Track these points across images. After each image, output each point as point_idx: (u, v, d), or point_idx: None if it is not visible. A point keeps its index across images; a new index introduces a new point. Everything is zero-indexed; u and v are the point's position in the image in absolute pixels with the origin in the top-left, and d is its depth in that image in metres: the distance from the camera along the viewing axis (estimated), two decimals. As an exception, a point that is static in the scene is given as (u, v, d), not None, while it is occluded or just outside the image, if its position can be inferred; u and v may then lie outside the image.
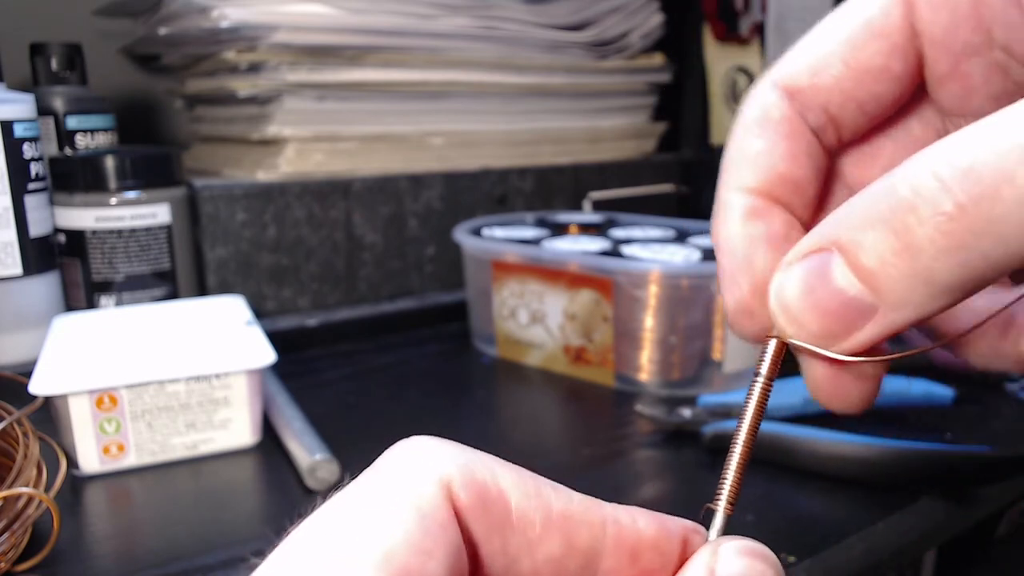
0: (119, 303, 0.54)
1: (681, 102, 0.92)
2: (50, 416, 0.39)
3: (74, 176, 0.53)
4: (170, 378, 0.40)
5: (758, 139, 0.18)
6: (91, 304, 0.54)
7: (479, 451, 0.15)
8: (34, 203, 0.52)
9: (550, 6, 0.73)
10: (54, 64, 0.62)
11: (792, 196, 0.18)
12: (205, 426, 0.41)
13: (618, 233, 0.60)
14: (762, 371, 0.16)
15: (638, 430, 0.44)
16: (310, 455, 0.38)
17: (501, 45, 0.71)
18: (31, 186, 0.52)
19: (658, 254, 0.51)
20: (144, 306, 0.51)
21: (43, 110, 0.60)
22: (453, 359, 0.58)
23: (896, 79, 0.17)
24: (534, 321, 0.54)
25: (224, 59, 0.62)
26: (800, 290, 0.15)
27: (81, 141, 0.63)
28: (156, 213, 0.54)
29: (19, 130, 0.51)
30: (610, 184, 0.80)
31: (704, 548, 0.15)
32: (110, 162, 0.53)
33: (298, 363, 0.55)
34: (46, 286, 0.54)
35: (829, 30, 0.17)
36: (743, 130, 0.18)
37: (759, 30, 0.84)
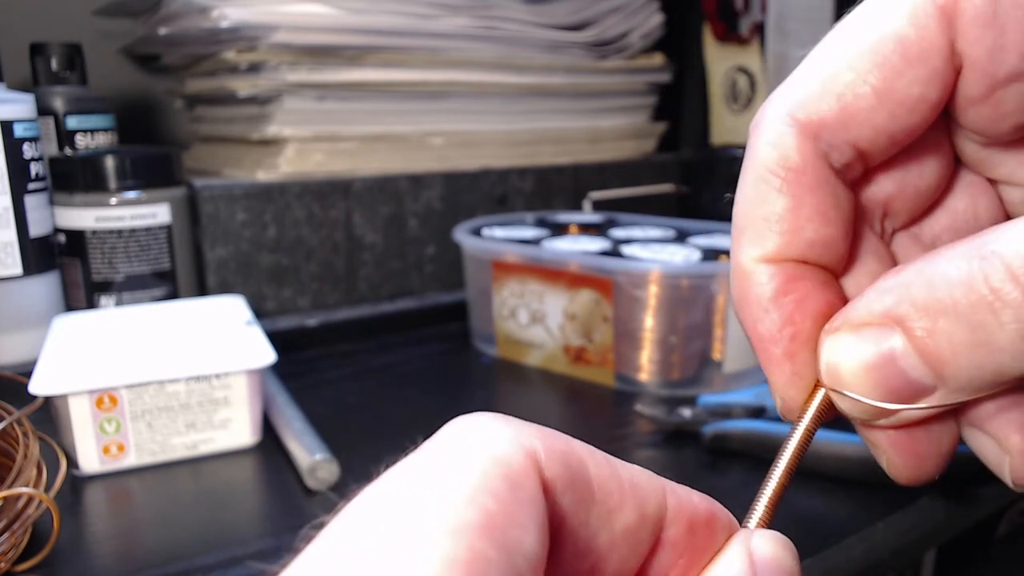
0: (119, 303, 0.54)
1: (681, 102, 0.92)
2: (50, 416, 0.39)
3: (74, 176, 0.53)
4: (170, 378, 0.40)
5: (778, 195, 0.16)
6: (91, 304, 0.54)
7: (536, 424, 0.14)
8: (34, 203, 0.52)
9: (550, 6, 0.73)
10: (54, 64, 0.61)
11: (823, 255, 0.16)
12: (205, 426, 0.41)
13: (618, 233, 0.60)
14: (806, 418, 0.16)
15: (638, 430, 0.44)
16: (310, 455, 0.38)
17: (501, 45, 0.71)
18: (31, 186, 0.52)
19: (658, 254, 0.51)
20: (144, 306, 0.51)
21: (43, 110, 0.60)
22: (453, 359, 0.58)
23: (932, 107, 0.15)
24: (534, 321, 0.54)
25: (224, 59, 0.62)
26: (858, 366, 0.14)
27: (81, 141, 0.63)
28: (156, 213, 0.54)
29: (19, 130, 0.51)
30: (610, 184, 0.80)
31: (741, 532, 0.15)
32: (110, 162, 0.53)
33: (298, 363, 0.55)
34: (46, 286, 0.54)
35: (851, 51, 0.15)
36: (757, 180, 0.16)
37: (759, 30, 0.84)
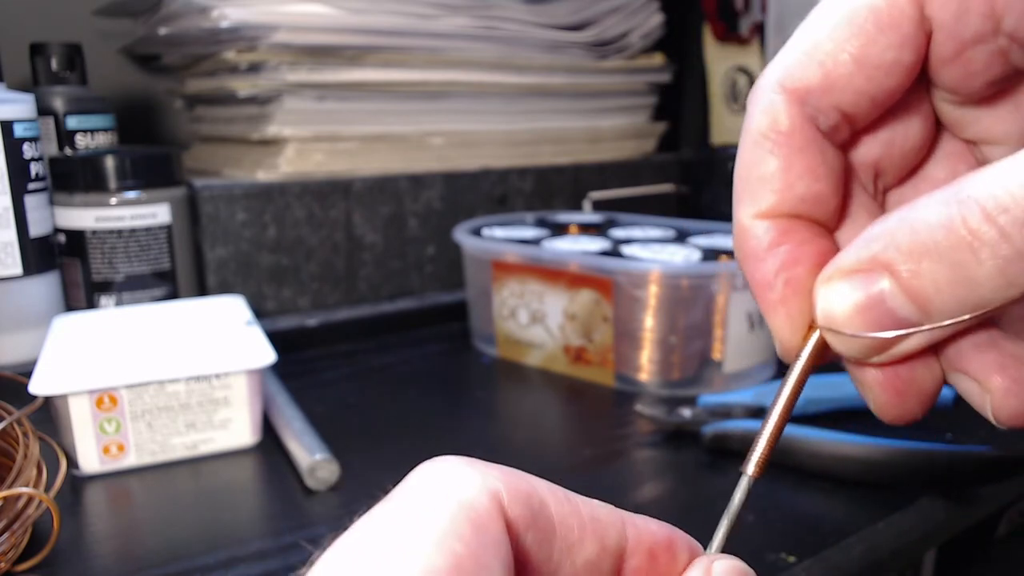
0: (119, 303, 0.54)
1: (681, 102, 0.92)
2: (50, 416, 0.39)
3: (74, 176, 0.53)
4: (170, 378, 0.40)
5: (771, 156, 0.17)
6: (91, 304, 0.54)
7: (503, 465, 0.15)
8: (34, 203, 0.52)
9: (550, 6, 0.73)
10: (54, 64, 0.61)
11: (815, 210, 0.18)
12: (205, 426, 0.41)
13: (618, 233, 0.60)
14: (802, 357, 0.17)
15: (638, 430, 0.44)
16: (310, 455, 0.38)
17: (501, 45, 0.71)
18: (31, 186, 0.52)
19: (658, 254, 0.51)
20: (144, 306, 0.51)
21: (43, 110, 0.60)
22: (453, 359, 0.58)
23: (907, 70, 0.17)
24: (534, 321, 0.54)
25: (224, 59, 0.62)
26: (850, 309, 0.15)
27: (81, 141, 0.63)
28: (156, 213, 0.54)
29: (19, 130, 0.51)
30: (610, 184, 0.80)
31: (698, 562, 0.16)
32: (110, 162, 0.53)
33: (298, 363, 0.55)
34: (46, 286, 0.54)
35: (830, 23, 0.17)
36: (752, 144, 0.17)
37: (759, 30, 0.84)
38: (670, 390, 0.49)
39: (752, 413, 0.43)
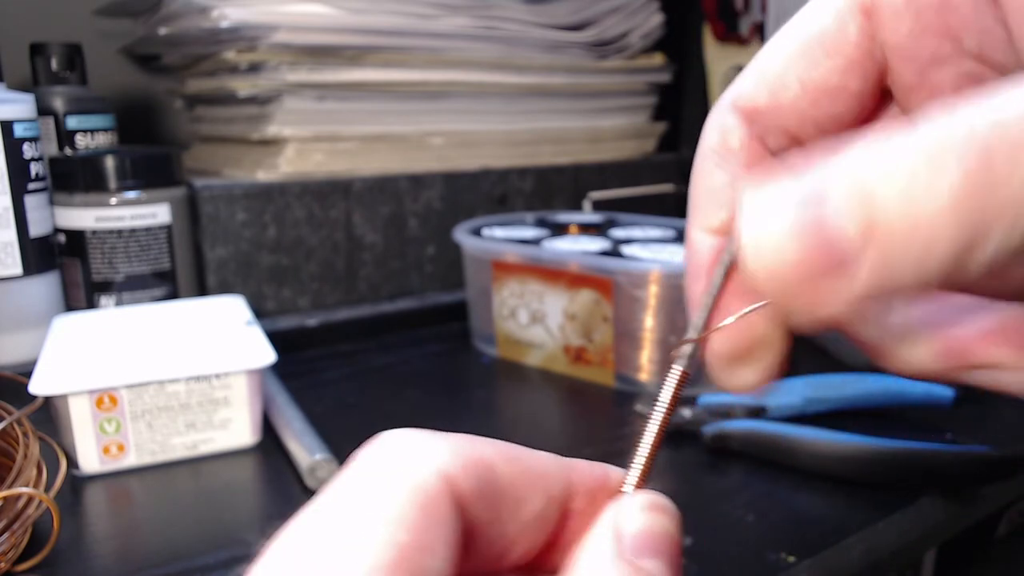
0: (119, 303, 0.54)
1: (681, 102, 0.92)
2: (50, 416, 0.39)
3: (74, 176, 0.53)
4: (170, 378, 0.40)
5: (719, 171, 0.17)
6: (91, 304, 0.54)
7: (451, 433, 0.15)
8: (34, 203, 0.52)
9: (550, 6, 0.73)
10: (54, 64, 0.61)
11: None
12: (205, 426, 0.41)
13: (618, 233, 0.60)
14: (663, 399, 0.18)
15: (638, 430, 0.44)
16: (310, 455, 0.38)
17: (501, 45, 0.71)
18: (31, 186, 0.52)
19: (658, 254, 0.51)
20: (144, 306, 0.51)
21: (43, 110, 0.60)
22: (453, 359, 0.58)
23: (855, 96, 0.16)
24: (534, 321, 0.54)
25: (224, 59, 0.62)
26: (791, 220, 0.12)
27: (81, 141, 0.63)
28: (156, 213, 0.54)
29: (19, 130, 0.51)
30: (610, 184, 0.80)
31: (610, 506, 0.16)
32: (110, 162, 0.53)
33: (298, 363, 0.55)
34: (46, 286, 0.54)
35: (783, 45, 0.17)
36: (703, 161, 0.18)
37: (759, 30, 0.84)
38: (670, 390, 0.49)
39: (752, 413, 0.43)
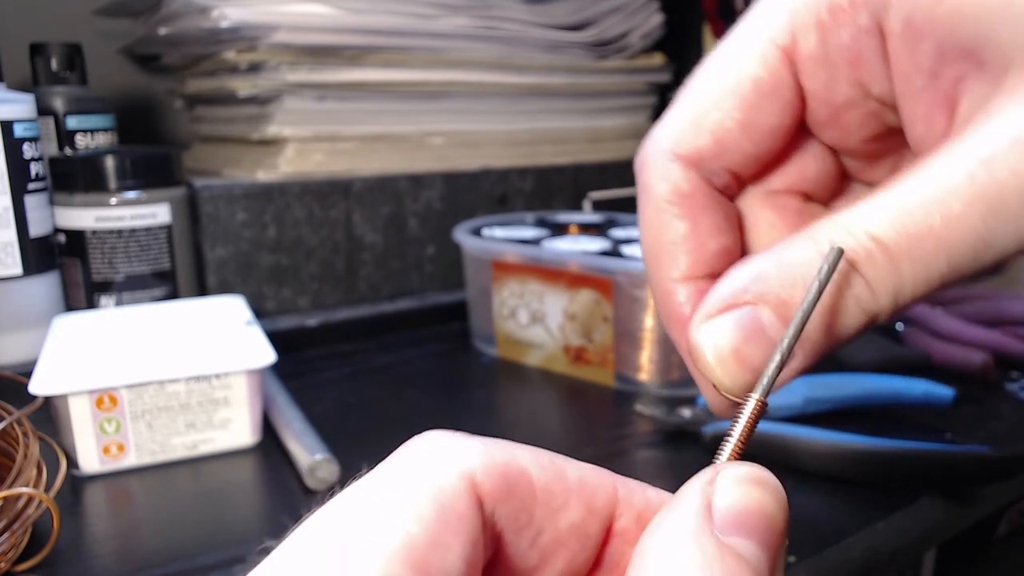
0: (119, 303, 0.54)
1: (681, 102, 0.92)
2: (50, 416, 0.39)
3: (74, 176, 0.53)
4: (170, 378, 0.40)
5: (679, 220, 0.18)
6: (91, 304, 0.54)
7: (486, 437, 0.15)
8: (34, 203, 0.52)
9: (550, 6, 0.73)
10: (54, 64, 0.61)
11: (726, 264, 0.18)
12: (205, 426, 0.41)
13: (618, 233, 0.60)
14: (736, 432, 0.16)
15: (638, 430, 0.44)
16: (310, 455, 0.38)
17: (501, 45, 0.71)
18: (31, 186, 0.52)
19: (658, 254, 0.51)
20: (144, 306, 0.51)
21: (43, 110, 0.60)
22: (453, 359, 0.58)
23: (787, 131, 0.18)
24: (534, 321, 0.54)
25: (224, 59, 0.62)
26: (737, 340, 0.16)
27: (81, 141, 0.63)
28: (156, 213, 0.54)
29: (19, 130, 0.51)
30: (610, 184, 0.80)
31: (701, 473, 0.15)
32: (110, 162, 0.53)
33: (298, 363, 0.55)
34: (46, 286, 0.54)
35: (715, 91, 0.18)
36: (657, 211, 0.19)
37: (759, 30, 0.84)
38: (670, 390, 0.49)
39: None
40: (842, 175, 0.21)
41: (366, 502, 0.13)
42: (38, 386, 0.37)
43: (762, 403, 0.16)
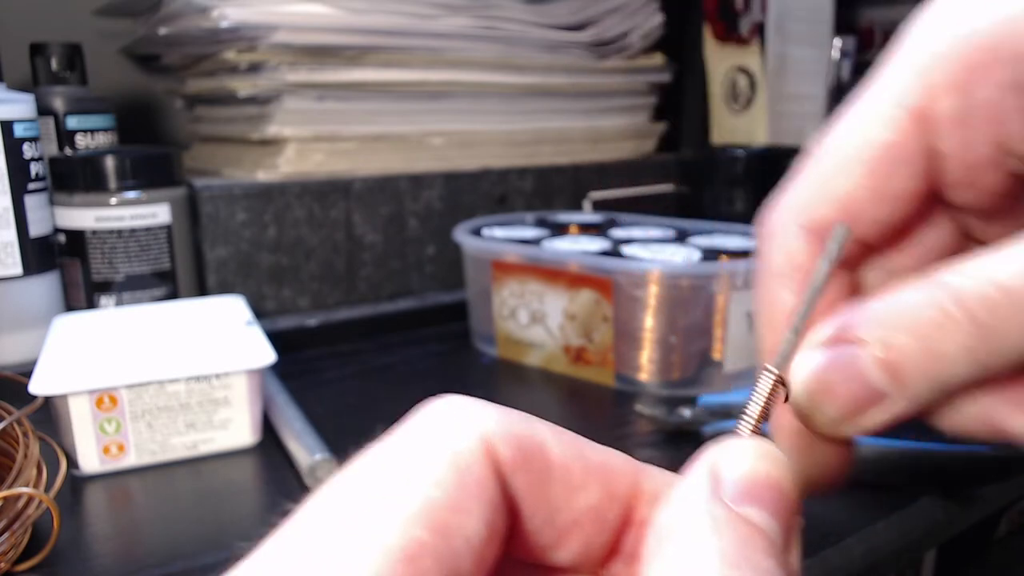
0: (119, 303, 0.54)
1: (681, 102, 0.92)
2: (50, 416, 0.39)
3: (74, 176, 0.53)
4: (170, 378, 0.40)
5: (788, 293, 0.18)
6: (91, 304, 0.54)
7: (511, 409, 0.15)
8: (34, 203, 0.52)
9: (550, 6, 0.73)
10: (54, 64, 0.61)
11: None
12: (205, 426, 0.41)
13: (618, 233, 0.60)
14: (752, 410, 0.16)
15: (638, 430, 0.44)
16: (310, 455, 0.38)
17: (501, 45, 0.71)
18: (31, 186, 0.52)
19: (658, 254, 0.51)
20: (144, 306, 0.51)
21: (43, 110, 0.60)
22: (453, 359, 0.58)
23: (919, 196, 0.18)
24: (534, 321, 0.54)
25: (224, 59, 0.62)
26: (828, 372, 0.16)
27: (81, 141, 0.63)
28: (156, 213, 0.54)
29: (19, 130, 0.51)
30: (610, 184, 0.80)
31: (709, 450, 0.15)
32: (110, 162, 0.53)
33: (298, 363, 0.55)
34: (46, 286, 0.54)
35: (843, 159, 0.17)
36: (771, 282, 0.18)
37: (759, 30, 0.84)
38: (670, 390, 0.49)
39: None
40: (964, 241, 0.20)
41: (386, 467, 0.13)
42: (38, 386, 0.37)
43: (778, 378, 0.16)
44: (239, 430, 0.42)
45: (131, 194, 0.53)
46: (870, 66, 0.19)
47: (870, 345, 0.16)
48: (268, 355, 0.41)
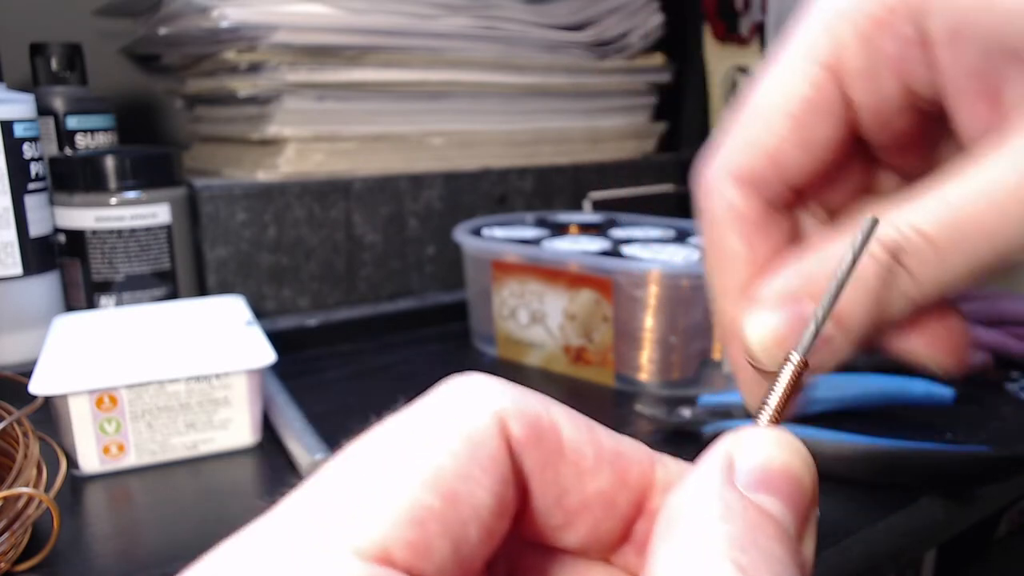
0: (119, 303, 0.54)
1: (681, 102, 0.92)
2: (50, 416, 0.39)
3: (74, 176, 0.53)
4: (170, 378, 0.40)
5: (735, 236, 0.20)
6: (91, 304, 0.54)
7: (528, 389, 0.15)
8: (34, 203, 0.52)
9: (550, 6, 0.73)
10: (54, 64, 0.61)
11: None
12: (205, 426, 0.41)
13: (618, 233, 0.60)
14: (773, 399, 0.16)
15: (638, 430, 0.44)
16: (310, 455, 0.38)
17: (501, 45, 0.71)
18: (31, 186, 0.52)
19: (658, 254, 0.51)
20: (144, 306, 0.51)
21: (43, 110, 0.60)
22: (453, 359, 0.58)
23: (842, 143, 0.19)
24: (534, 321, 0.54)
25: (224, 59, 0.62)
26: (784, 332, 0.18)
27: (81, 141, 0.63)
28: (156, 213, 0.54)
29: (19, 130, 0.51)
30: (610, 184, 0.80)
31: (726, 436, 0.15)
32: (110, 162, 0.53)
33: (298, 363, 0.55)
34: (46, 286, 0.54)
35: (767, 114, 0.19)
36: (718, 230, 0.20)
37: (759, 30, 0.84)
38: (670, 390, 0.49)
39: (752, 414, 0.43)
40: (886, 173, 0.21)
41: (400, 435, 0.14)
42: (38, 386, 0.37)
43: (803, 363, 0.16)
44: (239, 430, 0.42)
45: (131, 194, 0.53)
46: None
47: (813, 298, 0.17)
48: (268, 355, 0.41)
